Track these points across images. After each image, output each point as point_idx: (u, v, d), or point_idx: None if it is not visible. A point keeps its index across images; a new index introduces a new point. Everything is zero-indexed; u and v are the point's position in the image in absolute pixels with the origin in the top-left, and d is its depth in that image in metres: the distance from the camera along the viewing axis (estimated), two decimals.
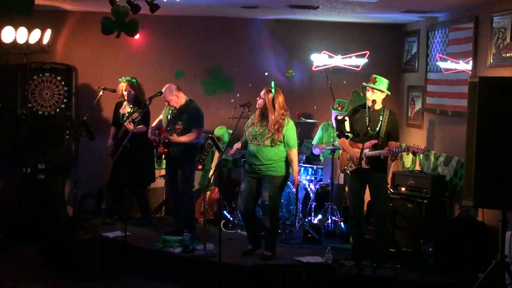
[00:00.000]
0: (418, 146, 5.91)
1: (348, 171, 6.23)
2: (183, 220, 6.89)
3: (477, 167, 4.76)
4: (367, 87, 6.20)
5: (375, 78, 6.20)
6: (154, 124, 7.11)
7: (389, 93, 6.31)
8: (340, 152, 6.56)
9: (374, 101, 6.14)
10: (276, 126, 6.16)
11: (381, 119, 6.14)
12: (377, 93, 6.15)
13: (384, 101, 6.27)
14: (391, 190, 6.97)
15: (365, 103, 6.24)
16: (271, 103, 6.17)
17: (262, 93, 6.26)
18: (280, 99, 6.21)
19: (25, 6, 4.68)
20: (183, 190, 6.83)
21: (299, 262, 6.08)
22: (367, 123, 6.10)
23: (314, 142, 7.75)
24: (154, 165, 7.56)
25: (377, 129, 6.13)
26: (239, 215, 7.38)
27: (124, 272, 6.29)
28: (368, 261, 5.91)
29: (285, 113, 6.24)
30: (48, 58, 7.91)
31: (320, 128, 7.81)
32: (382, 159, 6.03)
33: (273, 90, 6.21)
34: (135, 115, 7.23)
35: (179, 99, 6.83)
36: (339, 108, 7.58)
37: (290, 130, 6.24)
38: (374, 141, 6.09)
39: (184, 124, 6.73)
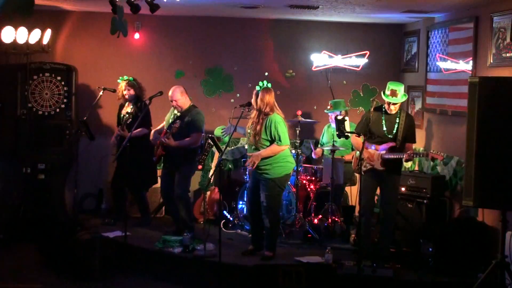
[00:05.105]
0: (437, 152, 5.94)
1: (362, 171, 6.21)
2: (181, 223, 6.89)
3: (477, 167, 4.75)
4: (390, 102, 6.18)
5: (396, 90, 6.12)
6: (158, 128, 7.11)
7: (406, 96, 6.36)
8: (354, 152, 6.60)
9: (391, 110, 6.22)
10: (261, 116, 6.12)
11: (397, 121, 6.18)
12: (398, 103, 6.19)
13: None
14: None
15: (382, 106, 6.29)
16: (260, 100, 6.16)
17: (254, 91, 6.27)
18: (267, 97, 6.15)
19: (26, 8, 4.68)
20: (178, 193, 6.79)
21: (299, 262, 6.08)
22: (384, 126, 6.14)
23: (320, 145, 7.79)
24: (156, 167, 7.56)
25: (394, 132, 6.16)
26: (240, 215, 7.39)
27: (124, 272, 6.29)
28: (368, 261, 5.91)
29: (272, 111, 6.16)
30: (48, 58, 7.91)
31: (324, 130, 7.85)
32: (398, 161, 6.09)
33: (257, 88, 6.20)
34: (127, 116, 7.23)
35: (185, 100, 6.84)
36: (328, 107, 7.63)
37: (276, 125, 6.09)
38: (391, 144, 6.12)
39: (182, 124, 6.72)
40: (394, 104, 6.16)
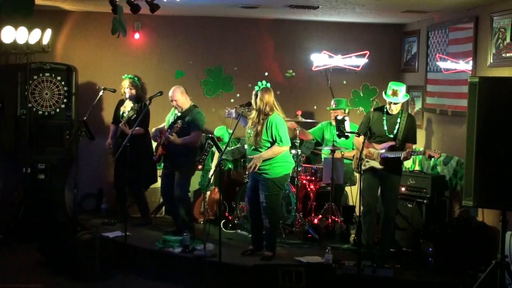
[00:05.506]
0: (435, 150, 5.95)
1: (362, 169, 6.21)
2: (181, 223, 6.89)
3: (477, 167, 4.75)
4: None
5: (397, 90, 6.16)
6: (159, 127, 7.11)
7: (408, 96, 6.37)
8: (355, 151, 6.62)
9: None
10: (261, 116, 6.11)
11: (398, 121, 6.19)
12: (399, 103, 6.19)
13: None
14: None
15: (383, 106, 6.31)
16: (259, 100, 6.14)
17: (254, 92, 6.27)
18: (267, 97, 6.13)
19: (26, 7, 4.68)
20: (178, 194, 6.79)
21: (299, 262, 6.08)
22: (385, 126, 6.15)
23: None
24: (155, 166, 7.56)
25: (395, 132, 6.17)
26: (240, 215, 7.38)
27: (124, 272, 6.29)
28: (368, 261, 5.91)
29: (272, 111, 6.14)
30: (48, 58, 7.91)
31: (320, 124, 7.86)
32: (398, 161, 6.08)
33: (256, 88, 6.20)
34: (131, 112, 7.24)
35: (186, 100, 6.84)
36: (333, 105, 7.67)
37: (277, 126, 6.07)
38: (391, 143, 6.14)
39: (183, 124, 6.72)
40: (395, 103, 6.18)
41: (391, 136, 6.20)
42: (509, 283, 5.13)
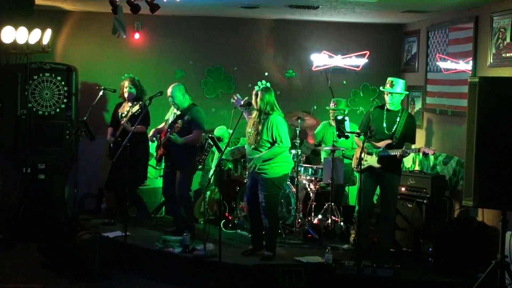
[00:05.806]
0: (429, 147, 5.94)
1: (359, 169, 6.20)
2: (182, 223, 6.89)
3: (477, 167, 4.75)
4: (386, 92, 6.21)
5: (392, 81, 6.18)
6: (159, 127, 7.10)
7: (407, 92, 6.34)
8: (355, 150, 6.63)
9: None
10: (262, 116, 6.11)
11: (398, 120, 6.17)
12: (396, 96, 6.17)
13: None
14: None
15: (384, 104, 6.30)
16: (260, 100, 6.14)
17: (254, 91, 6.26)
18: (267, 97, 6.12)
19: (26, 7, 4.69)
20: (179, 193, 6.79)
21: (299, 262, 6.08)
22: (384, 123, 6.14)
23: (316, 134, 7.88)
24: (147, 165, 7.55)
25: (393, 129, 6.16)
26: (240, 215, 7.38)
27: (124, 272, 6.29)
28: (368, 261, 5.91)
29: (273, 110, 6.15)
30: (48, 58, 7.91)
31: (321, 124, 7.87)
32: (395, 160, 6.06)
33: (256, 88, 6.19)
34: (135, 107, 7.22)
35: (184, 99, 6.83)
36: (333, 105, 7.69)
37: (277, 126, 6.07)
38: (388, 141, 6.12)
39: (184, 123, 6.72)
40: (390, 93, 6.15)
41: (389, 133, 6.18)
42: (509, 283, 5.13)
